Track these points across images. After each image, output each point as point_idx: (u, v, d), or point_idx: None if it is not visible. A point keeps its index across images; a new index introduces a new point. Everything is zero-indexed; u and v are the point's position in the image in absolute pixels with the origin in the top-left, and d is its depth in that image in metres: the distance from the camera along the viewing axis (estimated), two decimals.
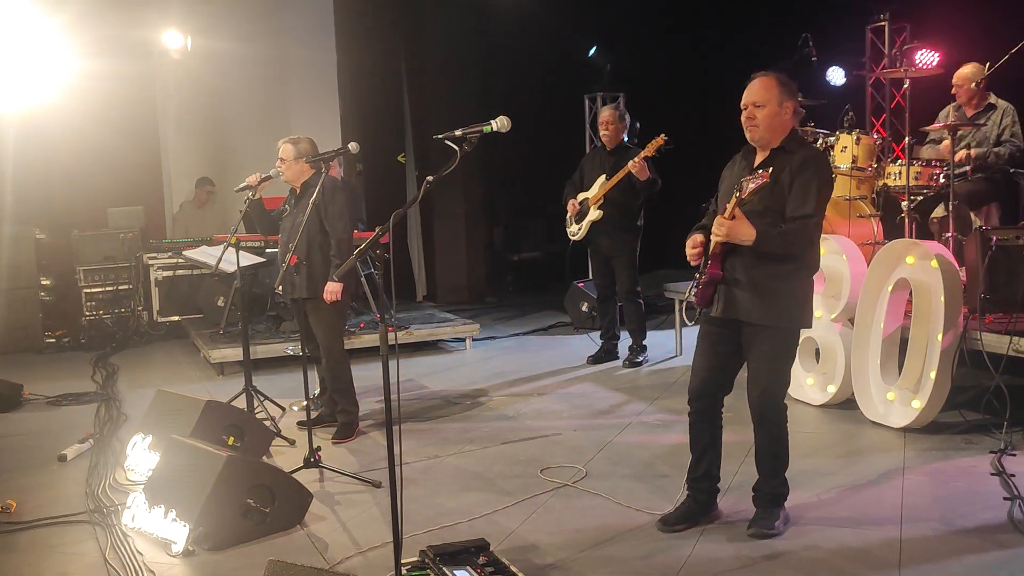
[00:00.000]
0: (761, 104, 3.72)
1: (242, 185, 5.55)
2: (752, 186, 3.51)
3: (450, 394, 6.54)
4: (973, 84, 6.30)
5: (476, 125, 3.40)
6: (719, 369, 3.89)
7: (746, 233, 3.58)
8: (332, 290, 5.28)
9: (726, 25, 9.37)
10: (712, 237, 3.69)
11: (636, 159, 6.61)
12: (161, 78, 9.86)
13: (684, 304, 3.72)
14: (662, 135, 6.64)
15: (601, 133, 7.13)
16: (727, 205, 3.62)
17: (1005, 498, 4.10)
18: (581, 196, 7.10)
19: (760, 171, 3.55)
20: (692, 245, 3.85)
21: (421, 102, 10.85)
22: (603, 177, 6.95)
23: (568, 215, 7.16)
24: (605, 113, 7.14)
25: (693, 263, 3.88)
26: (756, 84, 3.77)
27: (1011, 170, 6.16)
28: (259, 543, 3.95)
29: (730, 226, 3.59)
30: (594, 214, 6.95)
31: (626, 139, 7.14)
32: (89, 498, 4.54)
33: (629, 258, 7.03)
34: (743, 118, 3.79)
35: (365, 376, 6.78)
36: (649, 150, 6.65)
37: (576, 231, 7.12)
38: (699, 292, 3.83)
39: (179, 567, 3.77)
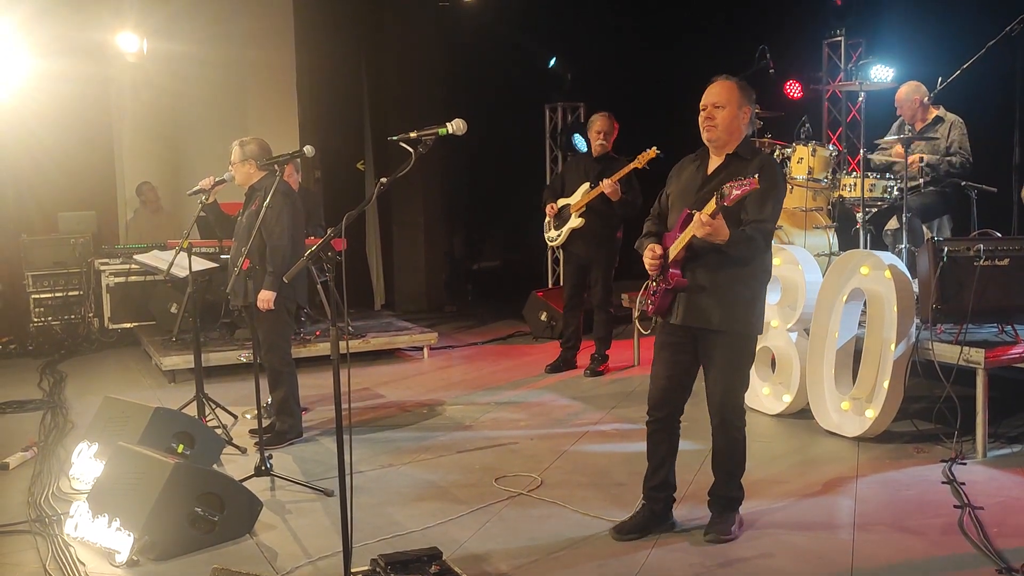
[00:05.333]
0: (721, 105, 3.76)
1: (195, 188, 5.45)
2: (737, 192, 3.43)
3: (406, 403, 6.48)
4: (914, 101, 6.41)
5: (431, 127, 3.36)
6: (679, 377, 3.89)
7: (724, 234, 3.56)
8: (265, 298, 5.17)
9: (685, 37, 9.44)
10: (695, 233, 3.58)
11: (611, 179, 6.55)
12: (116, 80, 9.68)
13: (638, 314, 3.66)
14: (654, 148, 6.49)
15: (597, 143, 6.90)
16: (707, 206, 3.51)
17: (955, 506, 4.15)
18: (561, 202, 7.05)
19: (747, 178, 3.44)
20: (652, 255, 3.81)
21: (381, 109, 10.79)
22: (587, 185, 6.89)
23: (546, 219, 7.11)
24: (601, 122, 6.91)
25: (653, 272, 3.85)
26: (717, 86, 3.81)
27: (962, 183, 6.25)
28: (207, 552, 3.87)
29: (717, 225, 3.51)
30: (575, 221, 6.90)
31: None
32: (31, 507, 4.41)
33: (607, 268, 6.99)
34: (702, 118, 3.81)
35: (322, 384, 6.73)
36: (639, 162, 6.57)
37: (555, 237, 7.08)
38: (656, 300, 3.82)
39: None
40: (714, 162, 3.85)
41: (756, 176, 3.44)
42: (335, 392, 3.26)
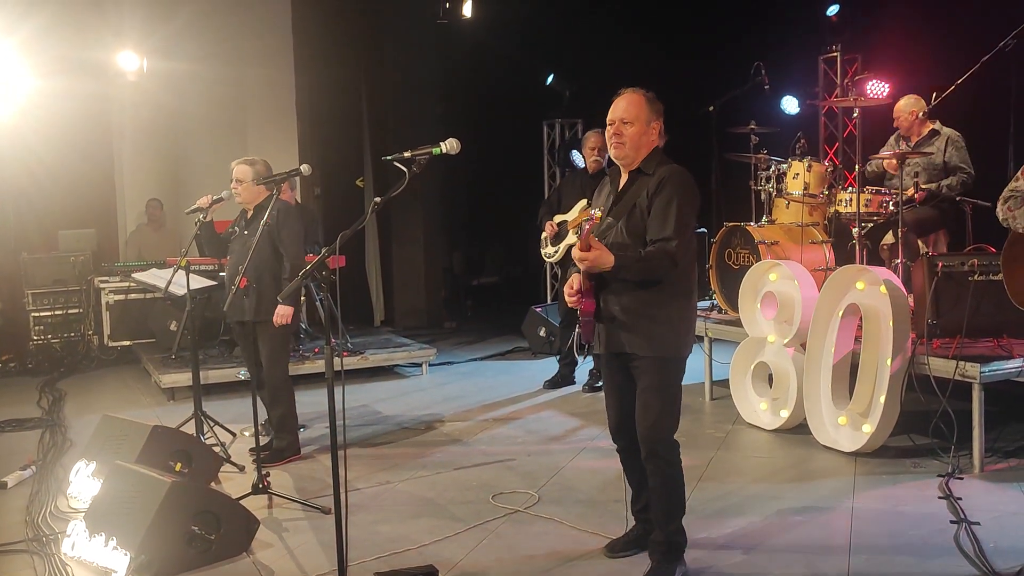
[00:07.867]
0: (629, 121, 3.61)
1: (193, 207, 5.50)
2: (586, 227, 3.38)
3: (404, 419, 6.48)
4: (911, 114, 6.44)
5: (425, 147, 3.39)
6: (627, 404, 3.75)
7: (606, 260, 3.44)
8: (283, 313, 5.22)
9: (681, 54, 9.48)
10: (579, 265, 3.55)
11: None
12: (117, 99, 9.74)
13: (574, 341, 3.69)
14: None
15: (592, 159, 6.85)
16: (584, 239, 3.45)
17: (952, 521, 4.15)
18: (559, 218, 7.06)
19: (592, 211, 3.42)
20: (569, 291, 3.67)
21: (380, 126, 10.84)
22: (584, 201, 6.88)
23: (543, 236, 7.12)
24: (595, 138, 6.85)
25: (573, 306, 3.70)
26: (624, 100, 3.66)
27: (958, 198, 6.28)
28: (203, 571, 3.87)
29: (592, 258, 3.43)
30: (572, 238, 6.90)
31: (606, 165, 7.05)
32: (29, 526, 4.42)
33: None
34: (609, 133, 3.67)
35: (320, 401, 6.68)
36: None
37: (552, 253, 7.07)
38: (583, 328, 3.73)
39: None
40: (623, 180, 3.72)
41: (598, 211, 3.41)
42: (330, 410, 3.28)
